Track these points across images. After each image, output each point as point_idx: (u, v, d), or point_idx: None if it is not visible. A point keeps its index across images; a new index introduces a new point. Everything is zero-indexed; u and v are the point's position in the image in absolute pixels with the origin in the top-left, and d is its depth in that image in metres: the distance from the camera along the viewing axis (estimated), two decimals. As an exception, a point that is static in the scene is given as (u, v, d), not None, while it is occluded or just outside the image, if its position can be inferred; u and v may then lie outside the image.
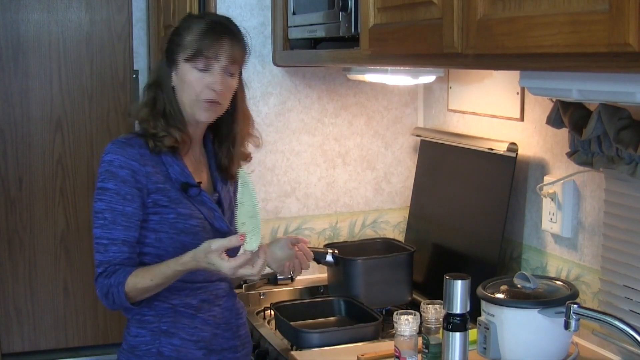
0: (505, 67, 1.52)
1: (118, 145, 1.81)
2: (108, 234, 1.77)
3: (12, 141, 3.67)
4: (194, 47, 1.81)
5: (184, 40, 1.83)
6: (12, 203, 3.70)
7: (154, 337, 1.82)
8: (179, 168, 1.85)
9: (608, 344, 1.86)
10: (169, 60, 1.86)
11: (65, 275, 3.79)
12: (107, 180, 1.78)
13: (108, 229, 1.77)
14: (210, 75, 1.82)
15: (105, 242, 1.77)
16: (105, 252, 1.77)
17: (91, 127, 3.77)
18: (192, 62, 1.81)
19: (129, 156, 1.79)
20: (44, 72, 3.68)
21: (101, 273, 1.76)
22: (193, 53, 1.81)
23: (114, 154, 1.79)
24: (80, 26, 3.71)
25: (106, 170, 1.78)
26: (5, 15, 3.62)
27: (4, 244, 3.70)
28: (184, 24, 1.88)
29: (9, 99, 3.65)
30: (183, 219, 1.82)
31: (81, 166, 3.77)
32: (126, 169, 1.78)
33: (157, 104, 1.86)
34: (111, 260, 1.76)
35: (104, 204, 1.77)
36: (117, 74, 3.78)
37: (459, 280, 1.69)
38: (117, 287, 1.73)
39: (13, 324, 3.75)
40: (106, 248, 1.77)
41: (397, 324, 1.77)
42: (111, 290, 1.74)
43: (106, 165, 1.79)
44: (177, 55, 1.84)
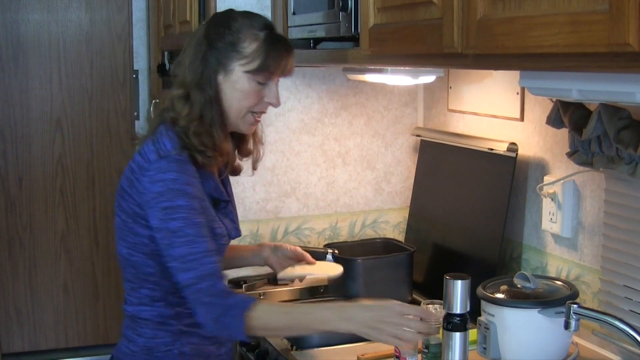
0: (505, 67, 1.52)
1: (177, 163, 1.68)
2: (197, 248, 1.65)
3: (12, 141, 3.68)
4: (259, 60, 1.72)
5: (245, 49, 1.72)
6: (12, 203, 3.70)
7: (175, 337, 1.79)
8: (214, 184, 1.79)
9: (608, 344, 1.86)
10: (218, 62, 1.73)
11: (65, 275, 3.79)
12: (175, 198, 1.66)
13: (195, 244, 1.65)
14: (268, 88, 1.76)
15: (197, 256, 1.65)
16: (202, 266, 1.64)
17: (91, 127, 3.77)
18: (253, 74, 1.73)
19: (190, 174, 1.70)
20: (44, 72, 3.69)
21: (202, 289, 1.63)
22: (259, 67, 1.72)
23: (175, 172, 1.67)
24: (80, 26, 3.72)
25: (170, 189, 1.66)
26: (5, 15, 3.62)
27: (4, 244, 3.71)
28: (242, 28, 1.74)
29: (9, 99, 3.66)
30: (217, 239, 1.75)
31: (81, 166, 3.77)
32: (191, 186, 1.69)
33: (204, 113, 1.73)
34: (211, 272, 1.65)
35: (181, 222, 1.65)
36: (117, 74, 3.79)
37: (459, 281, 1.68)
38: (239, 319, 1.59)
39: (13, 324, 3.75)
40: (200, 261, 1.64)
41: (397, 324, 1.76)
42: (229, 318, 1.61)
43: (170, 184, 1.66)
44: (232, 61, 1.73)
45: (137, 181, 1.70)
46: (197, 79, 1.73)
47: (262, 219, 2.61)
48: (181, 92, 1.74)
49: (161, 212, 1.66)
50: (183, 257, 1.64)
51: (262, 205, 2.59)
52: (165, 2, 3.28)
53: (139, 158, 1.72)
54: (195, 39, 1.77)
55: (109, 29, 3.74)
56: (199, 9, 2.65)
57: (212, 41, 1.74)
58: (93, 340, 3.81)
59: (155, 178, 1.66)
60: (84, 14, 3.70)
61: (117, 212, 1.79)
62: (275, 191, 2.62)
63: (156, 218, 1.67)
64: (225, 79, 1.74)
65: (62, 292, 3.79)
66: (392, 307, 1.58)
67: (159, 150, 1.69)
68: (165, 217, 1.65)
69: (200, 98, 1.72)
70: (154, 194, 1.66)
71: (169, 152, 1.68)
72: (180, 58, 1.79)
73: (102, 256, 3.83)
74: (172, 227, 1.65)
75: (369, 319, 1.57)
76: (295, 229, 2.64)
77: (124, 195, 1.75)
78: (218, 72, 1.73)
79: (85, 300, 3.82)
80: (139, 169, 1.71)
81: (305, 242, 2.63)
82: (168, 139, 1.71)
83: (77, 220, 3.79)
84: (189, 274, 1.64)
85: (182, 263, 1.65)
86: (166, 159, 1.68)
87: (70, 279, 3.79)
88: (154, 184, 1.66)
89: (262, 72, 1.73)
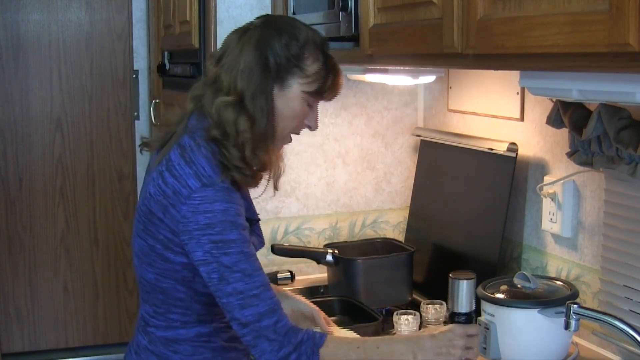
0: (505, 67, 1.52)
1: (225, 192, 1.55)
2: (254, 282, 1.54)
3: (12, 141, 3.68)
4: (319, 83, 1.62)
5: (308, 67, 1.61)
6: (12, 203, 3.71)
7: (215, 354, 1.69)
8: (247, 204, 1.69)
9: (608, 344, 1.86)
10: (277, 73, 1.60)
11: (65, 275, 3.79)
12: (226, 231, 1.53)
13: (252, 278, 1.54)
14: (312, 112, 1.69)
15: (256, 292, 1.53)
16: (262, 302, 1.53)
17: (91, 127, 3.78)
18: (309, 95, 1.63)
19: (238, 202, 1.57)
20: (44, 72, 3.69)
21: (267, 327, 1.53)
22: (317, 90, 1.63)
23: (225, 202, 1.54)
24: (80, 26, 3.72)
25: (221, 221, 1.53)
26: (5, 15, 3.62)
27: (4, 244, 3.71)
28: (307, 43, 1.61)
29: (9, 99, 3.66)
30: None
31: (81, 166, 3.78)
32: (241, 217, 1.57)
33: (256, 122, 1.58)
34: (273, 307, 1.54)
35: (235, 256, 1.53)
36: (117, 74, 3.79)
37: (465, 281, 1.68)
38: (312, 356, 1.52)
39: (13, 324, 3.75)
40: (259, 297, 1.53)
41: (397, 324, 1.77)
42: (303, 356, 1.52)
43: (219, 216, 1.53)
44: (293, 77, 1.60)
45: (173, 208, 1.56)
46: (257, 87, 1.59)
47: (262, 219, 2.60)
48: (232, 99, 1.58)
49: (211, 245, 1.53)
50: (241, 292, 1.53)
51: (262, 205, 2.59)
52: (165, 2, 3.28)
53: (173, 181, 1.56)
54: (252, 41, 1.60)
55: (109, 29, 3.75)
56: (199, 9, 2.65)
57: (276, 48, 1.59)
58: (93, 340, 3.81)
59: (201, 209, 1.53)
60: (84, 14, 3.71)
61: (142, 235, 1.64)
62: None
63: (202, 251, 1.54)
64: (280, 93, 1.61)
65: (62, 292, 3.79)
66: (455, 330, 1.57)
67: (199, 175, 1.55)
68: (217, 252, 1.53)
69: (263, 109, 1.59)
70: (200, 225, 1.53)
71: (212, 179, 1.55)
72: (228, 60, 1.61)
73: (102, 256, 3.84)
74: (226, 262, 1.53)
75: (438, 347, 1.55)
76: (295, 229, 2.64)
77: (153, 220, 1.60)
78: (275, 83, 1.60)
79: (85, 300, 3.82)
80: (174, 195, 1.56)
81: (305, 242, 2.63)
82: (204, 159, 1.56)
83: (77, 220, 3.79)
84: (250, 311, 1.53)
85: (240, 300, 1.53)
86: (212, 187, 1.54)
87: (70, 279, 3.79)
88: (200, 214, 1.53)
89: (317, 96, 1.65)
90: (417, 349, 1.55)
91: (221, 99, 1.59)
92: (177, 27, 3.02)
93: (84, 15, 3.71)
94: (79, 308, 3.81)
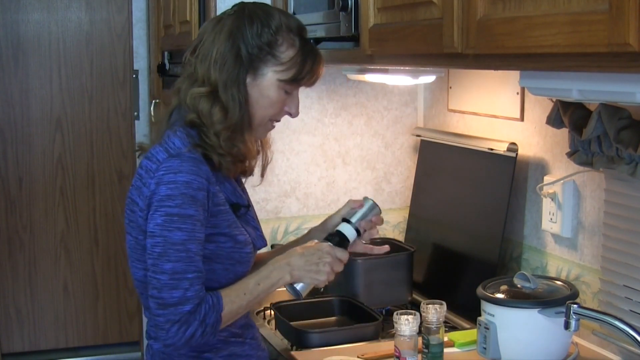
0: (505, 67, 1.52)
1: (191, 162, 1.52)
2: (193, 266, 1.51)
3: (12, 141, 3.69)
4: (295, 70, 1.59)
5: (282, 54, 1.58)
6: (12, 203, 3.71)
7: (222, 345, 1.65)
8: (231, 187, 1.64)
9: (608, 344, 1.86)
10: (250, 62, 1.58)
11: (65, 275, 3.80)
12: (186, 205, 1.49)
13: (192, 262, 1.51)
14: (291, 98, 1.64)
15: (191, 277, 1.50)
16: (192, 287, 1.50)
17: (91, 127, 3.78)
18: (285, 83, 1.60)
19: (204, 175, 1.53)
20: (44, 72, 3.69)
21: (191, 311, 1.49)
22: (293, 77, 1.59)
23: (190, 173, 1.50)
24: (80, 26, 3.72)
25: (183, 194, 1.49)
26: (5, 15, 3.63)
27: (4, 244, 3.71)
28: (280, 29, 1.59)
29: (9, 99, 3.66)
30: (239, 247, 1.61)
31: (81, 166, 3.78)
32: (203, 191, 1.52)
33: (229, 112, 1.57)
34: (198, 295, 1.51)
35: (186, 234, 1.49)
36: (117, 74, 3.79)
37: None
38: (216, 319, 1.52)
39: (13, 324, 3.75)
40: (192, 282, 1.50)
41: (397, 324, 1.77)
42: (208, 324, 1.52)
43: (182, 188, 1.49)
44: (266, 65, 1.58)
45: (145, 186, 1.54)
46: (229, 77, 1.57)
47: (262, 219, 2.58)
48: (205, 89, 1.57)
49: (165, 217, 1.50)
50: (177, 273, 1.49)
51: (262, 205, 2.59)
52: (165, 2, 3.28)
53: (146, 162, 1.57)
54: (224, 30, 1.58)
55: (109, 29, 3.75)
56: (199, 9, 2.66)
57: (247, 36, 1.57)
58: (93, 340, 3.81)
59: (165, 179, 1.50)
60: (84, 14, 3.71)
61: (127, 229, 1.62)
62: (275, 191, 2.62)
63: (156, 222, 1.50)
64: (254, 82, 1.59)
65: (62, 292, 3.79)
66: (323, 247, 1.65)
67: (168, 149, 1.55)
68: (170, 225, 1.49)
69: (235, 100, 1.57)
70: (161, 196, 1.50)
71: (180, 150, 1.53)
72: (201, 49, 1.59)
73: (102, 256, 3.84)
74: (175, 239, 1.49)
75: (308, 263, 1.62)
76: (295, 229, 2.64)
77: (133, 208, 1.59)
78: (248, 72, 1.58)
79: (85, 300, 3.82)
80: (146, 173, 1.55)
81: (305, 242, 2.63)
82: (177, 138, 1.57)
83: (77, 220, 3.79)
84: (178, 293, 1.49)
85: (173, 280, 1.49)
86: (178, 157, 1.52)
87: (70, 279, 3.80)
88: (163, 185, 1.50)
89: (294, 83, 1.61)
90: (291, 268, 1.61)
91: (195, 90, 1.58)
92: (177, 27, 3.03)
93: (84, 15, 3.71)
94: (79, 308, 3.82)
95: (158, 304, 1.51)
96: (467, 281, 2.22)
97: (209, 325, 1.52)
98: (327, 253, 1.64)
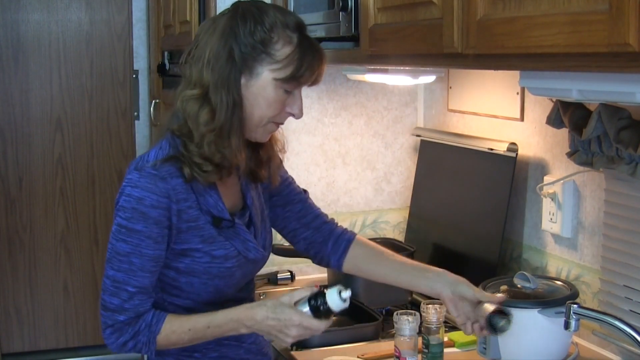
0: (505, 67, 1.52)
1: (149, 178, 1.50)
2: (135, 280, 1.52)
3: (12, 141, 3.68)
4: (292, 67, 1.51)
5: (278, 52, 1.51)
6: (12, 203, 3.71)
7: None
8: (213, 200, 1.57)
9: (608, 344, 1.86)
10: (243, 62, 1.51)
11: (65, 275, 3.79)
12: (135, 220, 1.49)
13: (134, 275, 1.51)
14: (292, 97, 1.57)
15: (132, 290, 1.52)
16: (130, 300, 1.52)
17: (91, 127, 3.78)
18: (282, 82, 1.52)
19: (162, 193, 1.50)
20: (44, 72, 3.69)
21: (125, 322, 1.53)
22: (291, 75, 1.52)
23: (145, 190, 1.49)
24: (80, 26, 3.72)
25: (134, 209, 1.49)
26: (5, 15, 3.63)
27: (4, 244, 3.71)
28: (275, 26, 1.52)
29: (9, 99, 3.66)
30: (218, 262, 1.58)
31: (81, 166, 3.78)
32: (159, 209, 1.50)
33: (225, 120, 1.50)
34: (136, 309, 1.53)
35: (131, 247, 1.50)
36: (117, 74, 3.79)
37: None
38: (149, 339, 1.53)
39: (13, 324, 3.75)
40: (132, 295, 1.52)
41: (397, 324, 1.77)
42: (140, 341, 1.53)
43: (134, 202, 1.49)
44: (261, 64, 1.51)
45: None
46: (219, 78, 1.51)
47: (262, 219, 2.61)
48: (197, 92, 1.52)
49: (116, 227, 1.52)
50: (118, 282, 1.52)
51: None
52: (165, 2, 3.28)
53: (128, 168, 1.57)
54: (217, 31, 1.53)
55: (109, 29, 3.75)
56: (199, 9, 2.66)
57: (240, 36, 1.51)
58: (93, 340, 3.81)
59: (125, 191, 1.51)
60: (84, 14, 3.71)
61: None
62: (275, 191, 2.62)
63: (111, 229, 1.54)
64: (249, 82, 1.52)
65: (62, 292, 3.79)
66: (294, 318, 1.50)
67: (139, 160, 1.54)
68: (117, 235, 1.52)
69: (223, 101, 1.50)
70: (118, 206, 1.52)
71: (143, 164, 1.52)
72: (196, 51, 1.54)
73: (102, 256, 3.83)
74: (120, 250, 1.51)
75: (271, 326, 1.51)
76: (295, 229, 2.63)
77: None
78: (242, 72, 1.51)
79: (85, 300, 3.82)
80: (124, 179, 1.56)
81: (305, 242, 2.63)
82: (157, 148, 1.55)
83: (77, 220, 3.79)
84: (116, 301, 1.53)
85: (114, 287, 1.52)
86: (138, 172, 1.51)
87: (70, 279, 3.80)
88: (122, 195, 1.51)
89: (293, 81, 1.53)
90: (249, 322, 1.52)
91: (187, 92, 1.53)
92: (177, 27, 3.03)
93: (84, 15, 3.71)
94: (79, 308, 3.81)
95: (101, 304, 1.56)
96: (467, 281, 2.22)
97: (140, 342, 1.54)
98: (296, 326, 1.51)
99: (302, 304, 1.52)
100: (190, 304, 1.61)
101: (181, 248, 1.55)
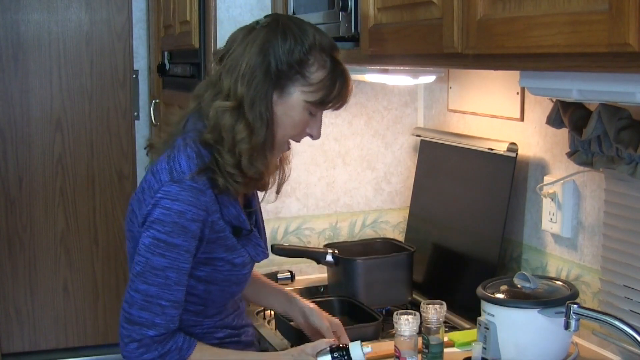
0: (505, 67, 1.52)
1: (190, 192, 1.48)
2: (169, 294, 1.50)
3: (12, 141, 3.68)
4: (323, 92, 1.53)
5: (312, 74, 1.52)
6: (12, 203, 3.71)
7: None
8: (236, 212, 1.59)
9: (608, 344, 1.86)
10: (277, 79, 1.51)
11: (65, 275, 3.79)
12: (175, 234, 1.47)
13: (170, 290, 1.50)
14: (314, 120, 1.58)
15: (165, 304, 1.50)
16: (163, 315, 1.50)
17: (91, 127, 3.78)
18: (311, 104, 1.54)
19: (202, 206, 1.50)
20: (44, 72, 3.69)
21: (154, 338, 1.50)
22: (320, 99, 1.53)
23: (186, 204, 1.48)
24: (80, 26, 3.72)
25: (174, 222, 1.47)
26: (5, 15, 3.63)
27: (4, 244, 3.71)
28: (313, 48, 1.52)
29: (9, 99, 3.66)
30: (237, 270, 1.61)
31: (81, 166, 3.78)
32: (198, 222, 1.50)
33: (255, 131, 1.50)
34: (167, 325, 1.51)
35: (169, 262, 1.48)
36: (117, 74, 3.79)
37: None
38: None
39: (13, 324, 3.75)
40: (164, 310, 1.50)
41: (397, 324, 1.76)
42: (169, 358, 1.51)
43: (174, 216, 1.47)
44: (293, 84, 1.52)
45: (144, 203, 1.52)
46: (256, 95, 1.50)
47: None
48: (230, 104, 1.51)
49: (152, 240, 1.49)
50: (150, 296, 1.50)
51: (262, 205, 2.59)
52: (165, 2, 3.28)
53: (151, 177, 1.53)
54: (256, 43, 1.52)
55: (109, 29, 3.75)
56: (199, 9, 2.66)
57: (279, 53, 1.51)
58: (93, 340, 3.81)
59: (162, 203, 1.48)
60: (84, 14, 3.71)
61: (127, 236, 1.62)
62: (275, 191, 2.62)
63: (143, 242, 1.50)
64: (279, 100, 1.53)
65: (62, 292, 3.79)
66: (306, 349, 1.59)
67: (172, 170, 1.50)
68: (154, 250, 1.49)
69: (262, 118, 1.50)
70: (153, 219, 1.49)
71: (182, 176, 1.49)
72: (229, 60, 1.53)
73: (102, 256, 3.84)
74: (156, 264, 1.49)
75: None
76: (295, 229, 2.64)
77: (132, 218, 1.58)
78: (275, 89, 1.52)
79: (85, 300, 3.82)
80: (148, 190, 1.52)
81: (305, 242, 2.63)
82: (185, 157, 1.52)
83: (77, 220, 3.79)
84: (146, 315, 1.50)
85: (145, 301, 1.50)
86: (178, 184, 1.48)
87: (70, 279, 3.80)
88: (158, 208, 1.48)
89: (321, 106, 1.55)
90: None
91: (220, 103, 1.52)
92: (177, 27, 3.03)
93: (84, 15, 3.71)
94: (79, 308, 3.81)
95: (126, 317, 1.53)
96: (467, 281, 2.22)
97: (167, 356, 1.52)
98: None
99: (323, 354, 1.61)
100: (200, 309, 1.63)
101: (205, 257, 1.56)
